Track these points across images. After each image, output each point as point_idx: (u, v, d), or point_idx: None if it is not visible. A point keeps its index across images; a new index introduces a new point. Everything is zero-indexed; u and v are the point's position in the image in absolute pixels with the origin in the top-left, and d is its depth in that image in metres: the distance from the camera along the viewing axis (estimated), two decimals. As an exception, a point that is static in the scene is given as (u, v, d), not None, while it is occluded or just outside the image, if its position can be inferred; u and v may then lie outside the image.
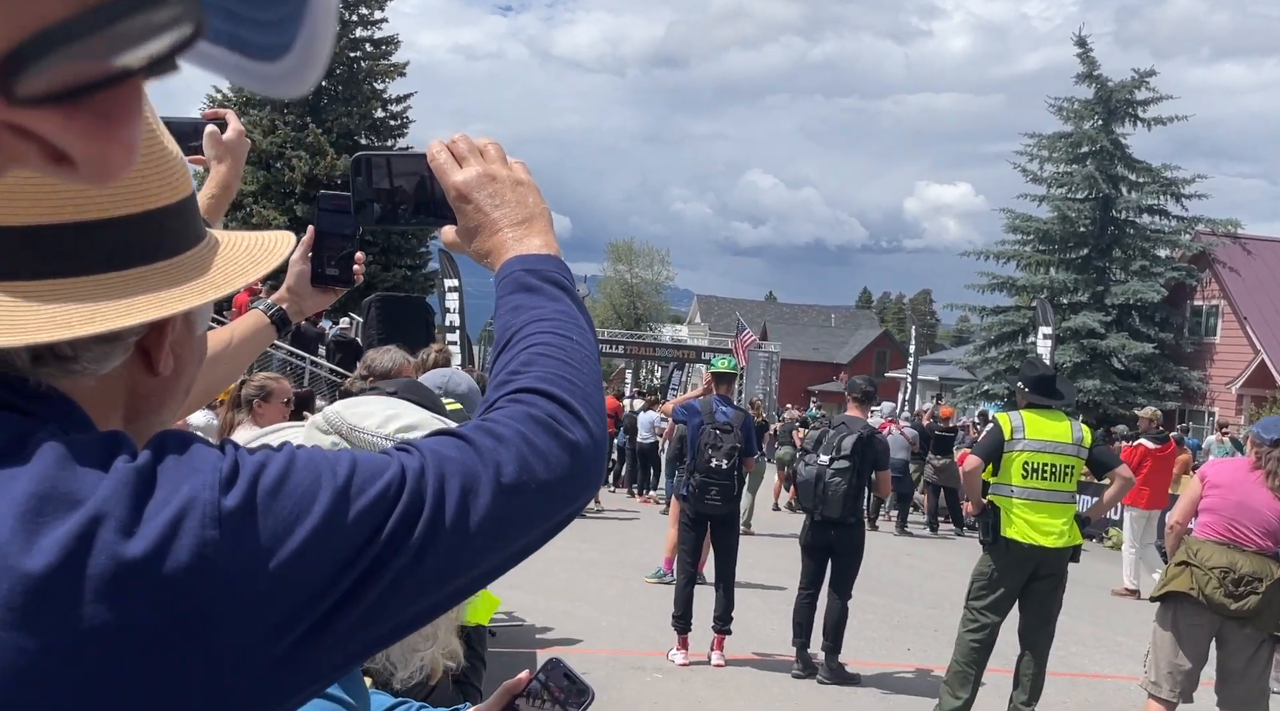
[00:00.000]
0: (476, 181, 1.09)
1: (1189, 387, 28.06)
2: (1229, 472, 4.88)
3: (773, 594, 9.61)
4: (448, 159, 1.10)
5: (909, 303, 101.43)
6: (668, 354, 41.72)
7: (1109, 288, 28.66)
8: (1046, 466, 5.78)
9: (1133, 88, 29.43)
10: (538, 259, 1.07)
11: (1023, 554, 5.74)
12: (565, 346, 1.00)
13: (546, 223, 1.11)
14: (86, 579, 0.69)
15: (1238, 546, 4.77)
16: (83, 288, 0.79)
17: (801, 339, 60.37)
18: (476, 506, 0.83)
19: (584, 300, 1.11)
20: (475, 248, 1.10)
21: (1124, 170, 29.41)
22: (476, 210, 1.09)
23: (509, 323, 1.03)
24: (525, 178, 1.12)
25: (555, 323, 1.02)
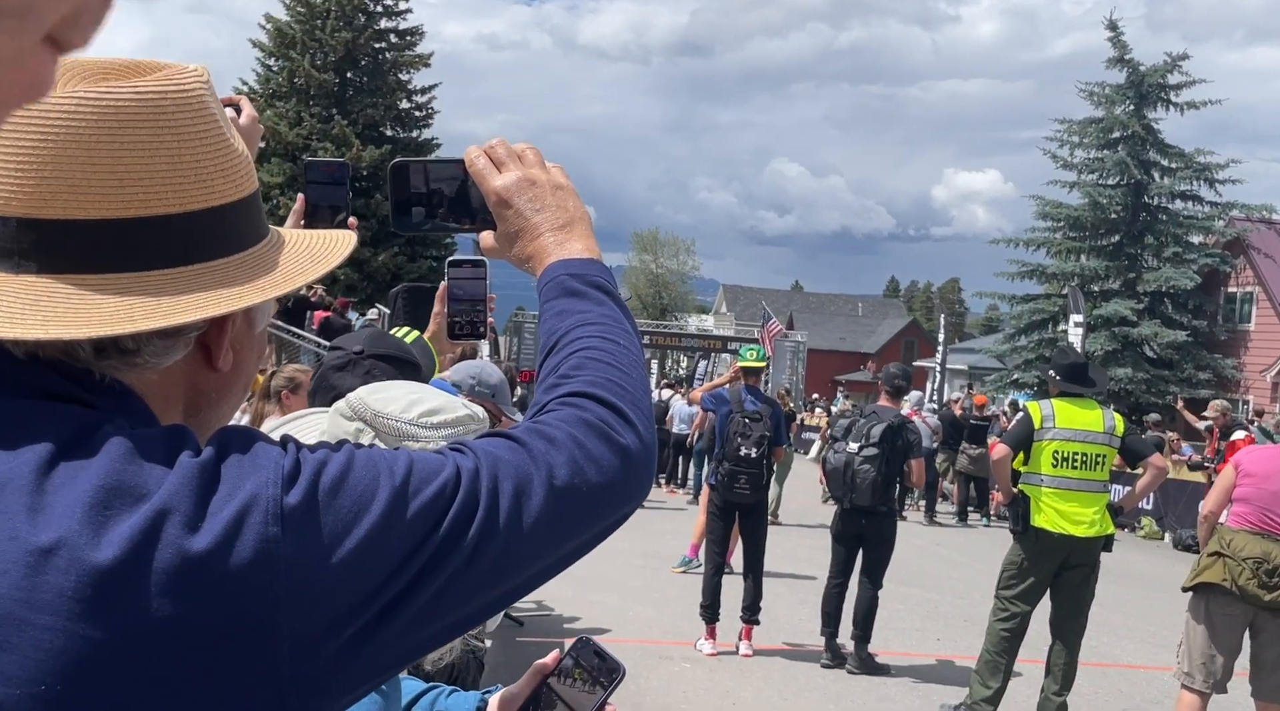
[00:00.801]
0: (516, 186, 1.09)
1: (1223, 375, 27.69)
2: (1264, 461, 4.80)
3: (801, 584, 9.58)
4: (486, 164, 1.10)
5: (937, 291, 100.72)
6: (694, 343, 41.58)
7: (1141, 275, 28.33)
8: (1077, 455, 5.72)
9: (1165, 72, 29.01)
10: (581, 263, 1.07)
11: (1053, 543, 5.69)
12: (613, 351, 1.00)
13: (587, 226, 1.11)
14: (152, 572, 0.70)
15: (1272, 536, 4.70)
16: (147, 282, 0.81)
17: (828, 328, 60.10)
18: (529, 507, 0.84)
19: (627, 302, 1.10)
20: (516, 253, 1.10)
21: (1156, 155, 29.03)
22: (517, 215, 1.09)
23: (554, 327, 1.04)
24: (564, 182, 1.12)
25: (601, 327, 1.02)
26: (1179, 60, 29.01)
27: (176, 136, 0.81)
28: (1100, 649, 7.76)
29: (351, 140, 30.67)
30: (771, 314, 35.77)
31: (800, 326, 50.58)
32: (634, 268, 71.27)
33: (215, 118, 0.85)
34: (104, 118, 0.78)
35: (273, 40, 32.11)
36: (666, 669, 6.79)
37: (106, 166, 0.78)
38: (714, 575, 7.33)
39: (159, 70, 0.84)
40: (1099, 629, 7.85)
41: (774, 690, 6.55)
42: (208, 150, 0.83)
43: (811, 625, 7.48)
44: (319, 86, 31.57)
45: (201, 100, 0.84)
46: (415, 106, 33.43)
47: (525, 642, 6.90)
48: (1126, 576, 11.23)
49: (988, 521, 15.65)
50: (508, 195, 1.08)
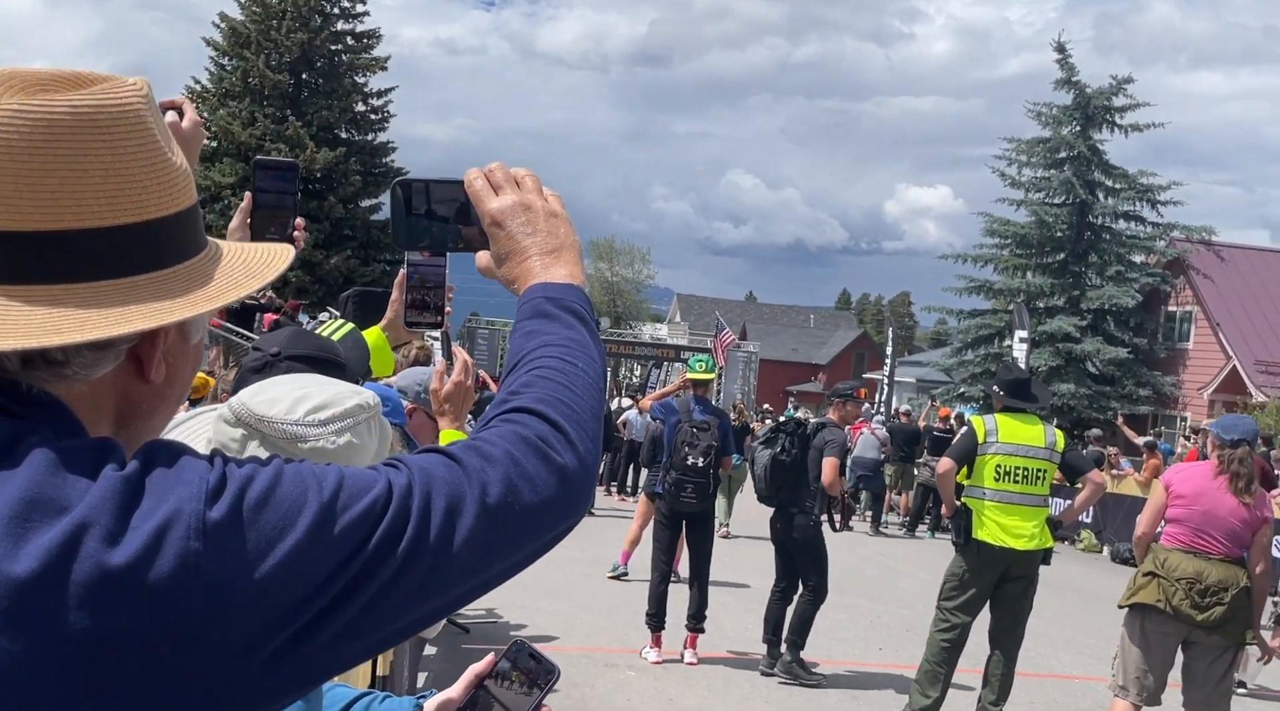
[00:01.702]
0: (511, 209, 1.11)
1: (1162, 392, 28.32)
2: (1193, 482, 4.92)
3: (748, 593, 9.67)
4: (484, 186, 1.13)
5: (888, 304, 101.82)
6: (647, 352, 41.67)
7: (1084, 292, 28.90)
8: (1019, 470, 5.84)
9: (1110, 94, 29.67)
10: (560, 287, 1.09)
11: (994, 556, 5.81)
12: (568, 371, 1.01)
13: (575, 254, 1.13)
14: (70, 585, 0.70)
15: (1205, 555, 4.83)
16: (78, 294, 0.80)
17: (781, 339, 60.50)
18: (460, 526, 0.84)
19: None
20: (504, 273, 1.12)
21: (1101, 176, 29.66)
22: (509, 237, 1.11)
23: (521, 346, 1.05)
24: (559, 210, 1.14)
25: (563, 349, 1.03)
26: (1124, 83, 29.70)
27: (111, 150, 0.81)
28: (1037, 659, 7.92)
29: (305, 142, 30.38)
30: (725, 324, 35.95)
31: (753, 337, 50.86)
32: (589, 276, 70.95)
33: (152, 132, 0.85)
34: (37, 130, 0.78)
35: (227, 39, 31.73)
36: (611, 676, 6.82)
37: (38, 179, 0.78)
38: (660, 583, 7.38)
39: (98, 83, 0.83)
40: (1037, 640, 8.01)
41: (717, 698, 6.61)
42: (143, 164, 0.83)
43: (756, 633, 7.54)
44: (273, 87, 31.24)
45: (139, 114, 0.84)
46: (371, 109, 33.20)
47: (471, 650, 6.90)
48: (1065, 588, 11.45)
49: (932, 533, 15.83)
50: (502, 217, 1.11)
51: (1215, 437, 4.96)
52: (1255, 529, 4.81)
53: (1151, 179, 29.64)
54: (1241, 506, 4.78)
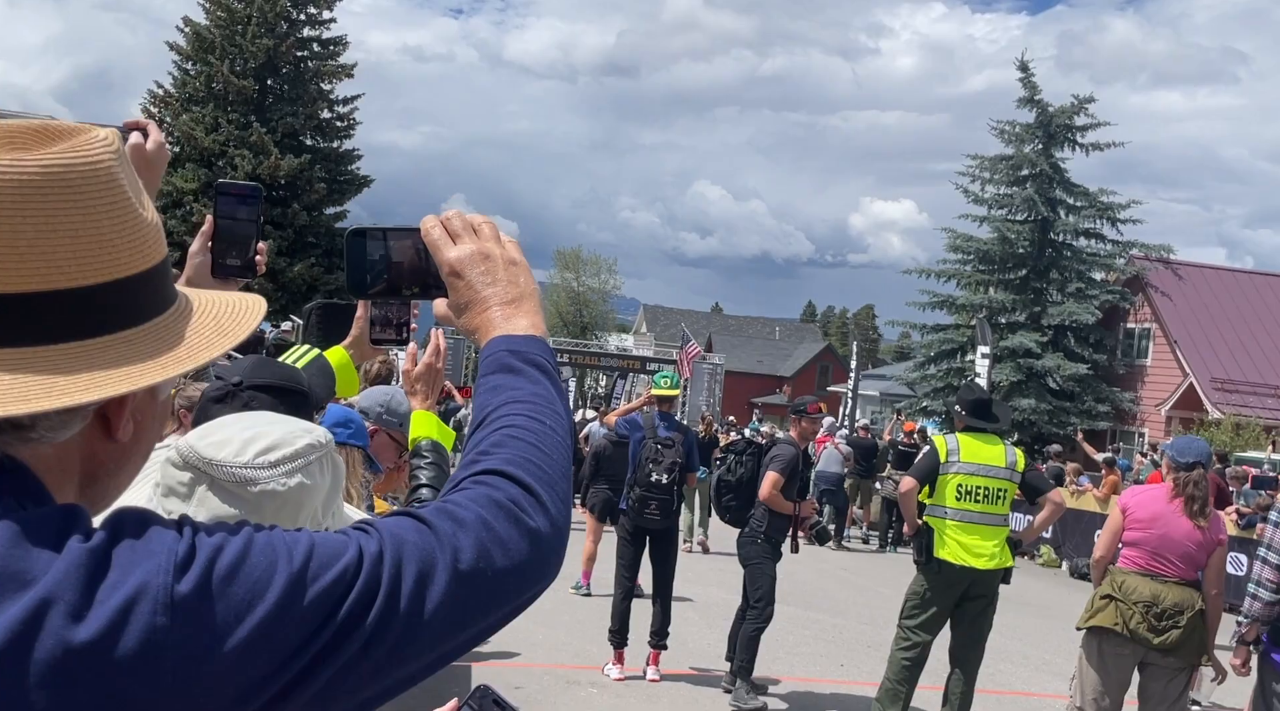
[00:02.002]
0: (470, 259, 1.10)
1: (1120, 408, 28.71)
2: (1149, 506, 4.98)
3: (712, 607, 9.67)
4: (442, 235, 1.11)
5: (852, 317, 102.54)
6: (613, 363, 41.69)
7: (1046, 308, 29.26)
8: (980, 489, 5.88)
9: (1072, 113, 30.11)
10: (522, 340, 1.08)
11: (955, 574, 5.85)
12: (537, 430, 1.00)
13: (535, 303, 1.12)
14: (33, 663, 0.69)
15: (1161, 577, 4.88)
16: (46, 358, 0.78)
17: (746, 351, 60.75)
18: (432, 592, 0.84)
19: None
20: (464, 323, 1.11)
21: (1062, 194, 30.07)
22: (468, 287, 1.10)
23: (486, 402, 1.04)
24: (518, 257, 1.13)
25: (531, 406, 1.02)
26: (1086, 102, 30.15)
27: (82, 210, 0.80)
28: (997, 676, 7.98)
29: (270, 148, 30.15)
30: (691, 336, 36.08)
31: (719, 348, 51.04)
32: (555, 285, 71.16)
33: (124, 188, 0.83)
34: (6, 191, 0.77)
35: (191, 44, 31.44)
36: (573, 694, 6.79)
37: (6, 241, 0.77)
38: (623, 600, 7.36)
39: (68, 137, 0.82)
40: (996, 656, 8.06)
41: (680, 716, 6.59)
42: (114, 222, 0.82)
43: (719, 649, 7.55)
44: (238, 93, 30.97)
45: (110, 172, 0.82)
46: (337, 116, 33.00)
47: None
48: (1024, 604, 11.56)
49: (894, 548, 15.91)
50: (460, 267, 1.10)
51: (1170, 460, 5.02)
52: (1210, 551, 4.87)
53: (1112, 197, 30.10)
54: (1196, 529, 4.84)
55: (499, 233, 1.14)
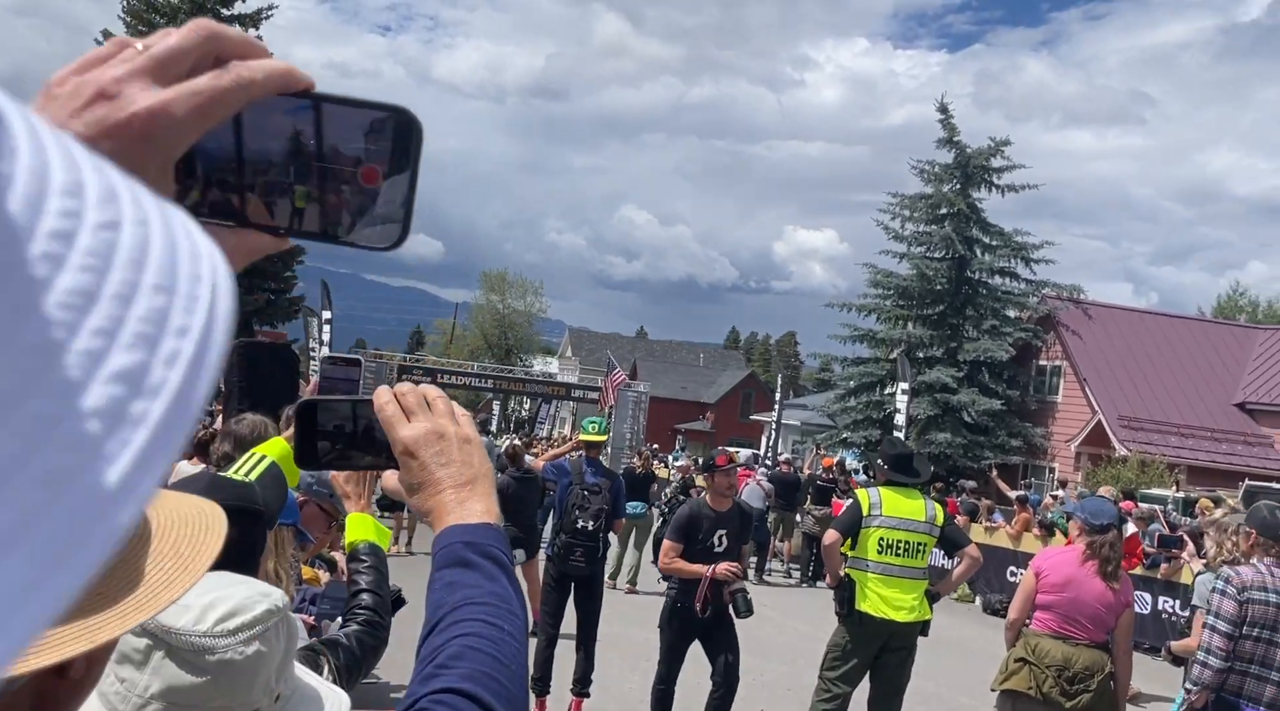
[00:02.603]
0: (424, 438, 1.09)
1: (1032, 444, 29.49)
2: (1063, 569, 5.14)
3: (633, 649, 9.66)
4: (396, 411, 1.11)
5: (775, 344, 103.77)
6: (537, 389, 41.56)
7: (962, 344, 30.00)
8: (901, 543, 6.02)
9: (989, 155, 31.04)
10: (477, 529, 1.07)
11: (875, 627, 5.97)
12: (496, 639, 1.00)
13: (489, 484, 1.12)
14: None
15: (1073, 640, 5.03)
16: None
17: (670, 377, 61.01)
18: None
19: (513, 569, 1.13)
20: (417, 504, 1.10)
21: (979, 233, 30.93)
22: (421, 467, 1.09)
23: (442, 600, 1.03)
24: (472, 435, 1.13)
25: (488, 609, 1.01)
26: (1002, 145, 31.11)
27: None
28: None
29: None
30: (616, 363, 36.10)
31: (643, 374, 51.19)
32: (480, 306, 70.77)
33: None
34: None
35: (110, 56, 30.67)
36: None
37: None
38: (546, 647, 7.35)
39: None
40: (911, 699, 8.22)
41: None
42: None
43: (641, 693, 7.55)
44: (158, 107, 30.27)
45: None
46: (260, 135, 32.42)
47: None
48: (937, 641, 11.74)
49: (814, 582, 16.07)
50: (414, 447, 1.09)
51: (1083, 523, 5.19)
52: (1119, 613, 5.05)
53: (1026, 237, 31.06)
54: (1108, 591, 5.01)
55: (454, 408, 1.14)
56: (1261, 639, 4.53)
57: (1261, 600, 4.54)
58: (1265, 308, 53.72)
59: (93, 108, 0.53)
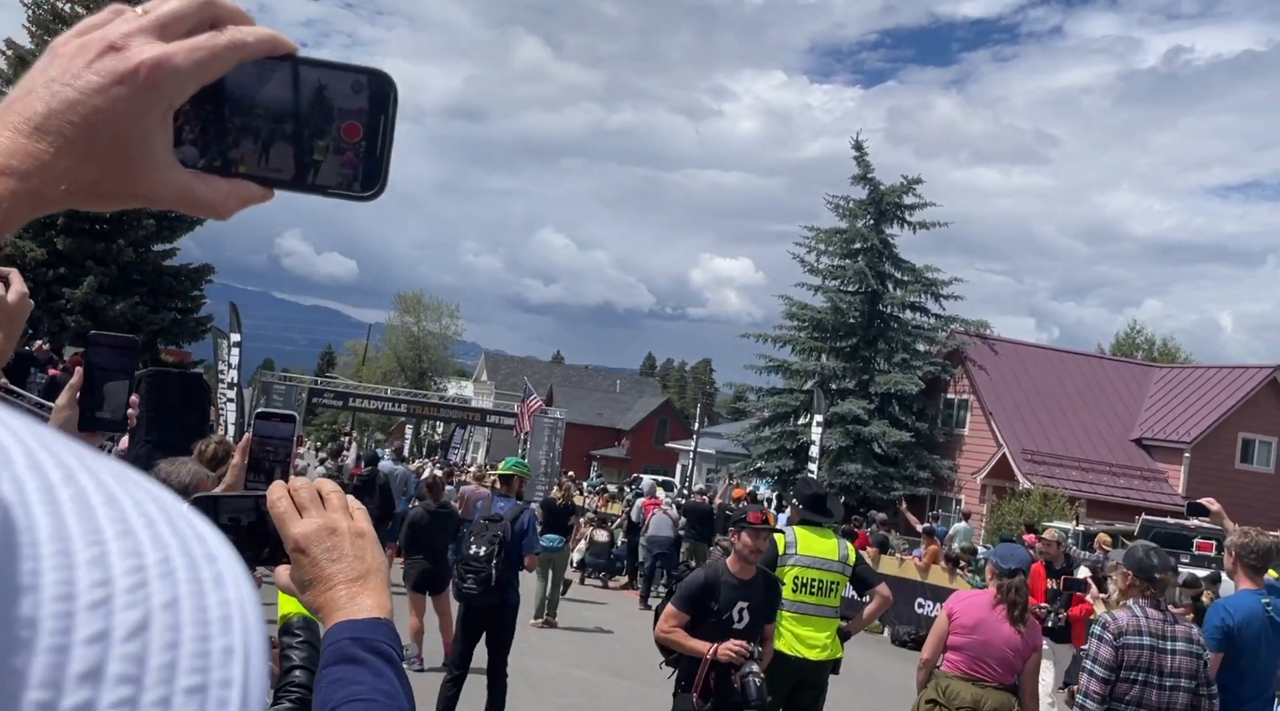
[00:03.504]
0: (315, 535, 1.09)
1: (940, 475, 30.17)
2: (974, 612, 5.26)
3: (545, 683, 9.58)
4: (288, 507, 1.10)
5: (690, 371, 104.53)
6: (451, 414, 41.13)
7: (874, 377, 30.60)
8: (815, 582, 6.03)
9: (901, 192, 31.87)
10: (367, 625, 1.06)
11: (789, 666, 5.95)
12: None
13: (381, 579, 1.11)
14: None
15: (982, 682, 5.15)
16: None
17: (587, 403, 60.95)
18: None
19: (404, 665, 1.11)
20: (308, 600, 1.09)
21: (891, 268, 31.67)
22: (313, 564, 1.08)
23: (328, 697, 1.02)
24: (366, 528, 1.12)
25: (372, 705, 1.01)
26: (914, 183, 31.97)
27: None
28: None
29: (95, 179, 28.61)
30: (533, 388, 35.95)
31: (559, 400, 51.09)
32: (394, 328, 69.80)
33: None
34: None
35: (13, 67, 29.65)
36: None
37: None
38: (450, 685, 7.27)
39: None
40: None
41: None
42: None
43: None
44: (63, 119, 29.35)
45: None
46: (170, 150, 31.64)
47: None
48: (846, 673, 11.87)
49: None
50: (306, 544, 1.08)
51: (993, 567, 5.32)
52: (1026, 657, 5.18)
53: (936, 274, 31.90)
54: (1016, 634, 5.14)
55: (347, 501, 1.14)
56: (1137, 681, 4.73)
57: (1136, 644, 4.74)
58: (1160, 345, 55.99)
59: (103, 59, 0.59)
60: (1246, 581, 5.43)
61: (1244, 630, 5.24)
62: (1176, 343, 58.19)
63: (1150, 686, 4.72)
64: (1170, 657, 4.79)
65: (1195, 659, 4.82)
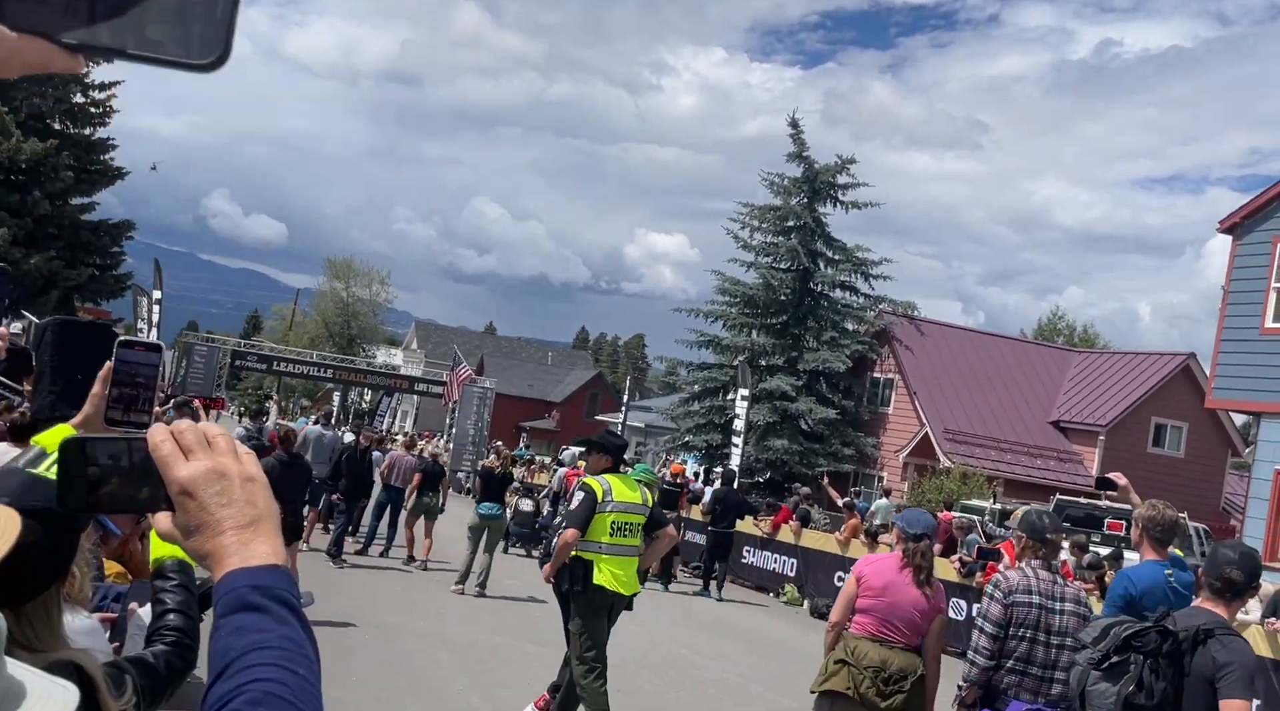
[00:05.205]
0: (204, 478, 1.03)
1: (864, 452, 30.64)
2: (882, 575, 5.35)
3: (466, 650, 9.55)
4: (173, 449, 1.04)
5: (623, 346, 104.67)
6: (379, 381, 40.63)
7: (802, 354, 30.90)
8: (627, 525, 6.73)
9: (836, 172, 32.07)
10: (264, 572, 1.01)
11: (606, 600, 6.61)
12: (292, 684, 0.94)
13: (273, 525, 1.06)
14: None
15: (889, 644, 5.24)
16: None
17: (518, 374, 60.68)
18: None
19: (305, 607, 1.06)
20: (193, 547, 1.03)
21: (823, 247, 31.93)
22: (200, 508, 1.02)
23: (230, 646, 0.96)
24: (256, 473, 1.07)
25: (282, 653, 0.96)
26: (848, 163, 32.20)
27: None
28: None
29: (11, 130, 27.63)
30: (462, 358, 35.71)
31: (490, 370, 50.74)
32: (324, 293, 68.63)
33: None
34: None
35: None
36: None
37: None
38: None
39: None
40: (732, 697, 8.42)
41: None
42: None
43: (470, 696, 7.45)
44: (-24, 64, 28.24)
45: None
46: (91, 102, 30.66)
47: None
48: (765, 643, 12.08)
49: (665, 586, 16.16)
50: (193, 487, 1.02)
51: (900, 531, 5.42)
52: (931, 618, 5.28)
53: (866, 254, 32.24)
54: (923, 597, 5.24)
55: (236, 445, 1.08)
56: (1025, 638, 4.95)
57: (1025, 602, 4.95)
58: (1081, 331, 57.44)
59: None
60: (1151, 553, 5.61)
61: (1145, 598, 5.42)
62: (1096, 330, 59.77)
63: (1037, 643, 4.93)
64: (1058, 617, 4.99)
65: (1082, 620, 5.01)
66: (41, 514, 1.87)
